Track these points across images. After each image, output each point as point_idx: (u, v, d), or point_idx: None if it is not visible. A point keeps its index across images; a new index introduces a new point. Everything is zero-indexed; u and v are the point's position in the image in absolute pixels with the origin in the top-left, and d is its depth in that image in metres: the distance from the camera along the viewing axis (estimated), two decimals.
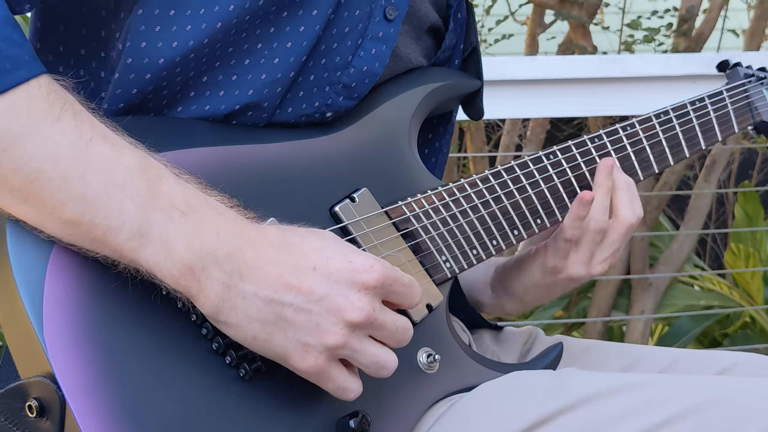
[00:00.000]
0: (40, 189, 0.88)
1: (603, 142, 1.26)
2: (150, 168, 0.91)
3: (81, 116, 0.90)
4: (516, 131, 3.80)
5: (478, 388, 1.08)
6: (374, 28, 1.11)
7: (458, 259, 1.13)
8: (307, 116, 1.10)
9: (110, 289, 0.92)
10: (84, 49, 1.06)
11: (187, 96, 1.05)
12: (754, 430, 0.96)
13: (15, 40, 0.88)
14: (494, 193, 1.17)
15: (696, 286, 3.59)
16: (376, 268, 0.93)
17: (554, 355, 1.18)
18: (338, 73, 1.09)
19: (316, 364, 0.92)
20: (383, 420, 1.02)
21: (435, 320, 1.10)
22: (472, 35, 1.28)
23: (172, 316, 0.94)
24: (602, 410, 1.00)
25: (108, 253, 0.90)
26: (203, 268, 0.89)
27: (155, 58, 1.00)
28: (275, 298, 0.90)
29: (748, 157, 4.91)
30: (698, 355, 1.25)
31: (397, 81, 1.19)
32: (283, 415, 0.97)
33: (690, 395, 1.00)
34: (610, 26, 4.07)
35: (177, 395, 0.92)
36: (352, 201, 1.07)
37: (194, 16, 1.00)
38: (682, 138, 1.32)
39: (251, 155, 1.04)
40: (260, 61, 1.05)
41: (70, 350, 0.88)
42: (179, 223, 0.89)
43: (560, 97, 2.43)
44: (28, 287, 0.89)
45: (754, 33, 3.51)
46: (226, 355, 0.95)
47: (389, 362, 0.95)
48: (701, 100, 1.35)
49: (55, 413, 0.88)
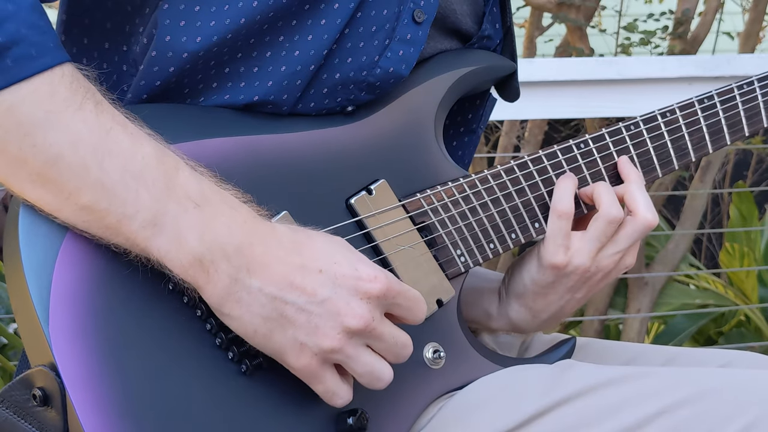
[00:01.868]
0: (59, 174, 0.88)
1: (640, 129, 1.20)
2: (167, 159, 0.92)
3: (102, 106, 0.91)
4: (514, 132, 3.80)
5: (478, 380, 1.07)
6: (402, 30, 1.09)
7: (474, 253, 1.11)
8: (329, 110, 1.09)
9: (118, 282, 0.92)
10: (108, 42, 1.07)
11: (209, 87, 1.04)
12: (746, 420, 0.97)
13: (41, 27, 0.89)
14: (518, 185, 1.14)
15: (691, 285, 3.60)
16: (381, 279, 0.93)
17: (566, 350, 1.16)
18: (364, 73, 1.08)
19: (309, 364, 0.92)
20: (383, 415, 1.01)
21: (445, 315, 1.08)
22: (508, 17, 1.24)
23: (177, 310, 0.94)
24: (599, 401, 1.00)
25: (120, 240, 0.91)
26: (212, 260, 0.90)
27: (179, 52, 1.01)
28: (279, 295, 0.91)
29: (742, 158, 4.91)
30: (694, 353, 1.25)
31: (427, 66, 1.15)
32: (282, 410, 0.97)
33: (684, 386, 1.01)
34: (607, 29, 4.08)
35: (178, 388, 0.92)
36: (369, 193, 1.06)
37: (218, 12, 1.00)
38: (706, 131, 1.24)
39: (269, 146, 1.03)
40: (281, 53, 1.04)
41: (74, 341, 0.89)
42: (193, 214, 0.90)
43: (558, 98, 2.43)
44: (37, 277, 0.89)
45: (748, 36, 3.51)
46: (228, 351, 0.95)
47: (383, 374, 0.95)
48: (710, 98, 1.26)
49: (58, 402, 0.89)
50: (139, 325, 0.92)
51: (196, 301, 0.94)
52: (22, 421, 0.93)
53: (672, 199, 4.29)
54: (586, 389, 1.01)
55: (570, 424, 1.00)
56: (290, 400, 0.97)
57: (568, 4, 3.15)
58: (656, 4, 4.61)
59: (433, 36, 1.15)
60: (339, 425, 0.98)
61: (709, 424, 0.98)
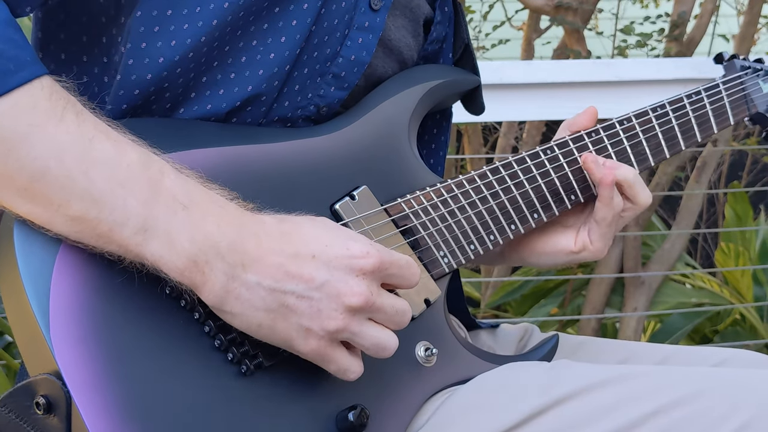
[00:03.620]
0: (46, 187, 0.88)
1: (600, 136, 1.24)
2: (152, 164, 0.91)
3: (83, 115, 0.90)
4: (512, 133, 3.80)
5: (474, 379, 1.08)
6: (360, 19, 1.11)
7: (456, 254, 1.13)
8: (302, 109, 1.10)
9: (115, 289, 0.92)
10: (86, 56, 1.06)
11: (188, 97, 1.05)
12: (740, 419, 0.97)
13: (17, 41, 0.89)
14: (492, 189, 1.17)
15: (687, 284, 3.59)
16: (372, 254, 0.94)
17: (550, 347, 1.18)
18: (328, 64, 1.10)
19: (318, 347, 0.93)
20: (382, 412, 1.02)
21: (433, 315, 1.10)
22: (463, 32, 1.27)
23: (175, 314, 0.94)
24: (595, 401, 1.00)
25: (114, 248, 0.90)
26: (207, 260, 0.90)
27: (155, 57, 1.01)
28: (277, 286, 0.91)
29: (738, 159, 4.91)
30: (690, 351, 1.25)
31: (396, 79, 1.18)
32: (283, 409, 0.97)
33: (679, 386, 1.01)
34: (604, 31, 4.08)
35: (180, 391, 0.92)
36: (352, 199, 1.07)
37: (191, 15, 1.00)
38: (678, 131, 1.30)
39: (252, 155, 1.04)
40: (256, 57, 1.05)
41: (76, 348, 0.89)
42: (182, 216, 0.90)
43: (555, 100, 2.43)
44: (35, 287, 0.89)
45: (743, 38, 3.51)
46: (227, 352, 0.95)
47: (389, 343, 0.96)
48: (697, 93, 1.33)
49: (62, 410, 0.89)
50: (138, 330, 0.92)
51: (193, 305, 0.94)
52: (25, 426, 0.92)
53: (668, 200, 4.29)
54: (582, 389, 1.01)
55: (566, 423, 1.00)
56: (291, 398, 0.97)
57: (566, 7, 3.15)
58: (652, 7, 4.61)
59: (401, 29, 1.18)
60: (340, 422, 0.98)
61: (704, 423, 0.98)
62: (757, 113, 1.39)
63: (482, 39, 4.24)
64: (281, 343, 0.94)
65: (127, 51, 1.01)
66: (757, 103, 1.39)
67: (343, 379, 0.96)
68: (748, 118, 1.39)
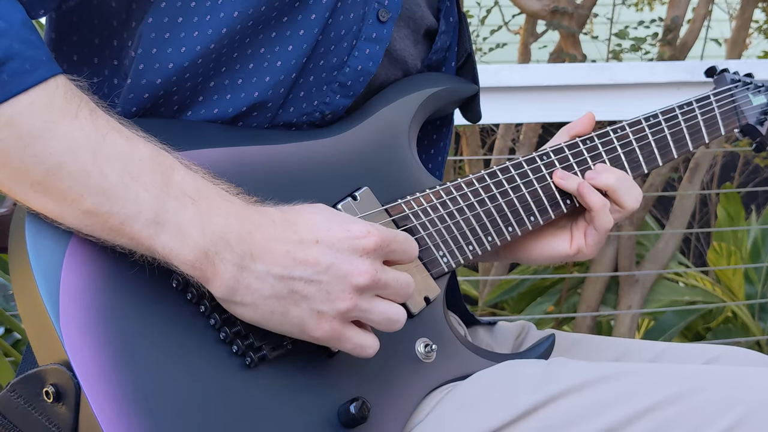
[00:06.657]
0: (61, 182, 0.89)
1: (594, 143, 1.25)
2: (162, 159, 0.92)
3: (96, 113, 0.91)
4: (509, 135, 3.81)
5: (473, 376, 1.08)
6: (368, 30, 1.11)
7: (455, 254, 1.13)
8: (308, 115, 1.11)
9: (124, 281, 0.92)
10: (97, 58, 1.07)
11: (196, 101, 1.05)
12: (733, 416, 0.97)
13: (33, 42, 0.89)
14: (490, 192, 1.17)
15: (680, 282, 3.60)
16: (373, 233, 0.95)
17: (547, 346, 1.18)
18: (335, 73, 1.10)
19: (331, 328, 0.93)
20: (383, 406, 1.02)
21: (432, 312, 1.10)
22: (466, 42, 1.28)
23: (182, 306, 0.95)
24: (590, 398, 1.00)
25: (125, 241, 0.91)
26: (216, 251, 0.90)
27: (165, 63, 1.01)
28: (286, 273, 0.92)
29: (730, 160, 4.91)
30: (683, 348, 1.25)
31: (397, 86, 1.19)
32: (287, 401, 0.97)
33: (673, 383, 1.01)
34: (599, 36, 4.08)
35: (185, 382, 0.92)
36: (354, 199, 1.08)
37: (201, 23, 1.01)
38: (671, 140, 1.31)
39: (257, 156, 1.05)
40: (263, 64, 1.06)
41: (85, 339, 0.89)
42: (192, 210, 0.91)
43: (551, 103, 2.43)
44: (46, 279, 0.90)
45: (735, 42, 3.51)
46: (232, 344, 0.96)
47: (399, 315, 0.97)
48: (689, 104, 1.34)
49: (71, 399, 0.89)
50: (146, 322, 0.92)
51: (200, 298, 0.94)
52: (34, 411, 0.93)
53: (661, 200, 4.29)
54: (577, 386, 1.01)
55: (561, 420, 1.00)
56: (294, 389, 0.98)
57: (562, 11, 3.15)
58: (647, 12, 4.61)
59: (404, 39, 1.19)
60: (342, 414, 0.98)
61: (697, 420, 0.98)
62: (747, 125, 1.40)
63: (480, 43, 4.25)
64: (294, 330, 0.94)
65: (137, 56, 1.01)
66: (747, 114, 1.40)
67: (361, 357, 0.97)
68: (738, 129, 1.41)
